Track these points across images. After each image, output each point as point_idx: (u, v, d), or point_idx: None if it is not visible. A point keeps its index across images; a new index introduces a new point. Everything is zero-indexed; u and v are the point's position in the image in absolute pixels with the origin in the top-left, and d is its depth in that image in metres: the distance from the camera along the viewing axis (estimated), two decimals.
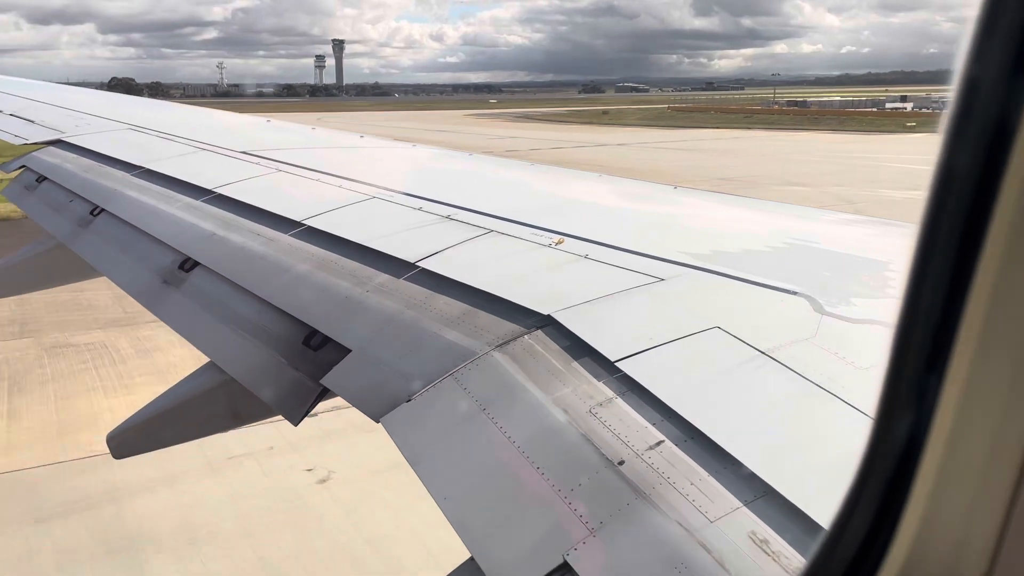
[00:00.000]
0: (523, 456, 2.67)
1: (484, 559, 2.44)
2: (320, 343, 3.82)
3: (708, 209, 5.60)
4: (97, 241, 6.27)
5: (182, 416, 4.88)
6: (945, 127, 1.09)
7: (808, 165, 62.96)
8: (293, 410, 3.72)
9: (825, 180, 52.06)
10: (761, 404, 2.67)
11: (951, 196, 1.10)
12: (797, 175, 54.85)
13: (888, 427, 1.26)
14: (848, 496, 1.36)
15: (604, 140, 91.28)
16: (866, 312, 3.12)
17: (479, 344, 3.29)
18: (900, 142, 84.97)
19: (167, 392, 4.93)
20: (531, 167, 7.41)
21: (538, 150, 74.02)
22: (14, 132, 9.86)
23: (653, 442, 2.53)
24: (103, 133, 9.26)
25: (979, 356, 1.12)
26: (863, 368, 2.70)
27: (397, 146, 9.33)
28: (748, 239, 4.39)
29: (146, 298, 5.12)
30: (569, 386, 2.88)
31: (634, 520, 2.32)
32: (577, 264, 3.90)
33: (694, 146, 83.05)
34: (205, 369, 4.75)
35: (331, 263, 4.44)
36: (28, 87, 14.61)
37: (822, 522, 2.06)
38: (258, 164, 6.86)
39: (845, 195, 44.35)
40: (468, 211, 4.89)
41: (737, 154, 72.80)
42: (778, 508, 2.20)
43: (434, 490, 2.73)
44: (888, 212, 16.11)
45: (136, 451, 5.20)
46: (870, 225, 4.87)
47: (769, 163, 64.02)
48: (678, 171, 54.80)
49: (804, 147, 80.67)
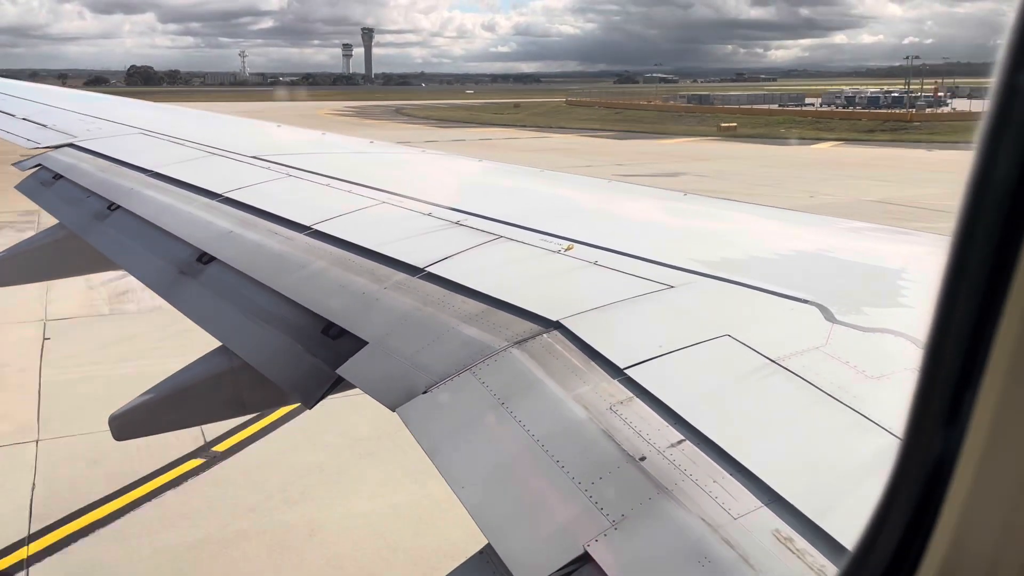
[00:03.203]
0: (542, 449, 2.56)
1: (502, 546, 2.31)
2: (337, 334, 3.70)
3: (718, 216, 5.45)
4: (113, 234, 6.11)
5: (186, 401, 4.74)
6: (981, 134, 1.00)
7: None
8: (308, 393, 3.59)
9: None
10: (771, 413, 2.55)
11: (986, 207, 1.01)
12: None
13: (919, 442, 1.16)
14: (876, 513, 1.25)
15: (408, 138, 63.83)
16: (878, 321, 3.00)
17: (497, 340, 3.17)
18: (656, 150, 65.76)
19: (172, 376, 4.78)
20: (541, 173, 7.25)
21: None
22: (26, 136, 9.66)
23: (675, 440, 2.42)
24: (114, 138, 9.09)
25: (1015, 369, 1.02)
26: (874, 377, 2.59)
27: (406, 151, 9.22)
28: (758, 246, 4.26)
29: (162, 288, 4.97)
30: (588, 384, 2.77)
31: (656, 514, 2.21)
32: (587, 271, 3.77)
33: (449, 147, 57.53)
34: (212, 356, 4.62)
35: (346, 261, 4.32)
36: (43, 92, 14.41)
37: (834, 533, 1.97)
38: (268, 168, 6.73)
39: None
40: (478, 216, 4.76)
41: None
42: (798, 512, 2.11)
43: (451, 479, 2.61)
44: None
45: (138, 434, 5.03)
46: (882, 233, 4.73)
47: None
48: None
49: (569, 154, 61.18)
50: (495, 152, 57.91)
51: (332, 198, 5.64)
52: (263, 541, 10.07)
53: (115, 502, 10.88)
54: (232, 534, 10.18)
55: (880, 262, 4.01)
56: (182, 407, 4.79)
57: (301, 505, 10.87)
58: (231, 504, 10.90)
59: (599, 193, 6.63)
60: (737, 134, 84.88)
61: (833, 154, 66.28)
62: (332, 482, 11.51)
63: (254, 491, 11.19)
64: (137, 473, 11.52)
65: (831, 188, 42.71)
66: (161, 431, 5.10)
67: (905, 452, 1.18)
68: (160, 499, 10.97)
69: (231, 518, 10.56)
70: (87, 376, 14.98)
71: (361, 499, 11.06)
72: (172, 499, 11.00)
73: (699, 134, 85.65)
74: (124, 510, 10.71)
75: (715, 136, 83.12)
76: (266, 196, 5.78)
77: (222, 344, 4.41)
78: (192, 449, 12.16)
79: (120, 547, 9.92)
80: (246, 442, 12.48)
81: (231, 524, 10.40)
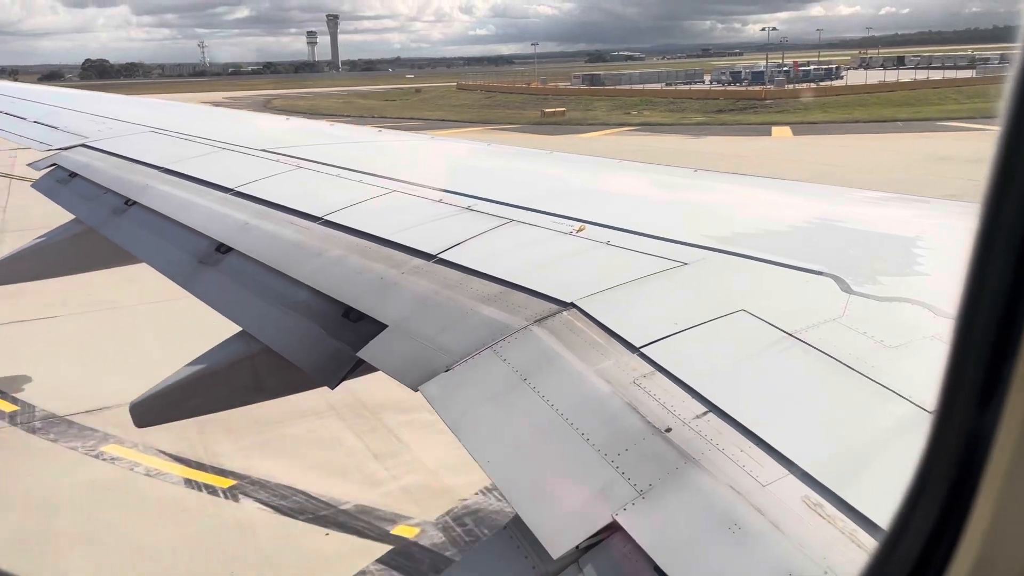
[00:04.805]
0: (567, 422, 2.51)
1: (531, 517, 2.27)
2: (357, 318, 3.65)
3: (729, 191, 5.35)
4: (131, 228, 6.05)
5: (207, 387, 4.64)
6: (1004, 121, 0.93)
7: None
8: (330, 374, 3.54)
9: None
10: (790, 386, 2.49)
11: (1018, 175, 0.95)
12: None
13: (951, 425, 1.07)
14: (906, 501, 1.16)
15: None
16: (894, 290, 2.93)
17: (516, 320, 3.11)
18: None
19: (192, 363, 4.69)
20: (550, 155, 7.12)
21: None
22: (39, 139, 9.55)
23: (699, 412, 2.38)
24: (126, 136, 9.00)
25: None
26: (893, 347, 2.54)
27: (414, 138, 9.12)
28: (771, 220, 4.18)
29: (181, 278, 4.91)
30: (611, 359, 2.72)
31: (684, 483, 2.16)
32: (599, 251, 3.71)
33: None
34: (231, 341, 4.54)
35: (361, 249, 4.26)
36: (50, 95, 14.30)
37: (858, 506, 1.92)
38: (278, 161, 6.66)
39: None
40: (489, 201, 4.68)
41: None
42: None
43: (477, 454, 2.56)
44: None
45: (159, 421, 4.90)
46: (896, 203, 4.63)
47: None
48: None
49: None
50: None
51: (343, 188, 5.57)
52: None
53: None
54: None
55: (894, 230, 3.91)
56: (201, 393, 4.70)
57: None
58: None
59: (609, 173, 6.52)
60: (558, 120, 73.25)
61: (611, 143, 53.34)
62: None
63: None
64: None
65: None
66: (181, 417, 5.01)
67: (935, 436, 1.09)
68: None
69: None
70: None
71: None
72: None
73: (523, 120, 73.49)
74: None
75: (535, 122, 71.23)
76: (278, 189, 5.71)
77: (241, 330, 4.36)
78: None
79: None
80: None
81: None
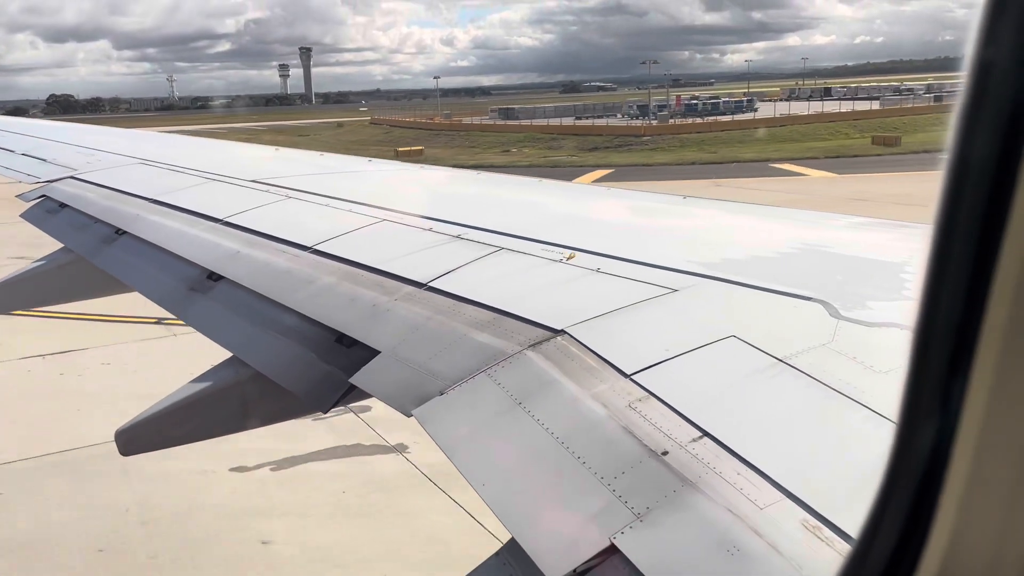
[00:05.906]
0: (562, 445, 2.47)
1: (527, 541, 2.21)
2: (350, 344, 3.60)
3: (718, 218, 5.35)
4: (122, 257, 5.97)
5: (194, 414, 4.48)
6: (958, 116, 0.94)
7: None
8: (322, 398, 3.48)
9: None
10: (780, 412, 2.46)
11: (967, 189, 0.95)
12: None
13: (912, 434, 1.09)
14: (873, 509, 1.18)
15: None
16: (883, 315, 2.93)
17: (510, 345, 3.07)
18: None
19: (179, 390, 4.53)
20: (538, 183, 7.10)
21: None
22: (27, 171, 9.43)
23: (696, 436, 2.35)
24: (115, 168, 8.91)
25: (1004, 355, 0.96)
26: (883, 372, 2.52)
27: (403, 168, 9.10)
28: (759, 246, 4.16)
29: (172, 305, 4.84)
30: (606, 383, 2.68)
31: (682, 506, 2.12)
32: (589, 278, 3.68)
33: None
34: (221, 368, 4.43)
35: (352, 276, 4.21)
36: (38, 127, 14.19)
37: (849, 530, 1.88)
38: (268, 192, 6.61)
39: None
40: (478, 229, 4.64)
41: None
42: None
43: (472, 478, 2.51)
44: None
45: (145, 449, 4.74)
46: (882, 228, 4.61)
47: None
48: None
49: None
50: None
51: (333, 218, 5.52)
52: None
53: None
54: None
55: (881, 255, 3.91)
56: (190, 420, 4.56)
57: None
58: None
59: (597, 200, 6.51)
60: (415, 160, 65.99)
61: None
62: None
63: None
64: None
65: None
66: (168, 446, 4.88)
67: (898, 445, 1.11)
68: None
69: None
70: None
71: None
72: None
73: (384, 158, 72.91)
74: None
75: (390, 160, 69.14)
76: (268, 218, 5.66)
77: (230, 357, 4.29)
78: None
79: None
80: None
81: None
